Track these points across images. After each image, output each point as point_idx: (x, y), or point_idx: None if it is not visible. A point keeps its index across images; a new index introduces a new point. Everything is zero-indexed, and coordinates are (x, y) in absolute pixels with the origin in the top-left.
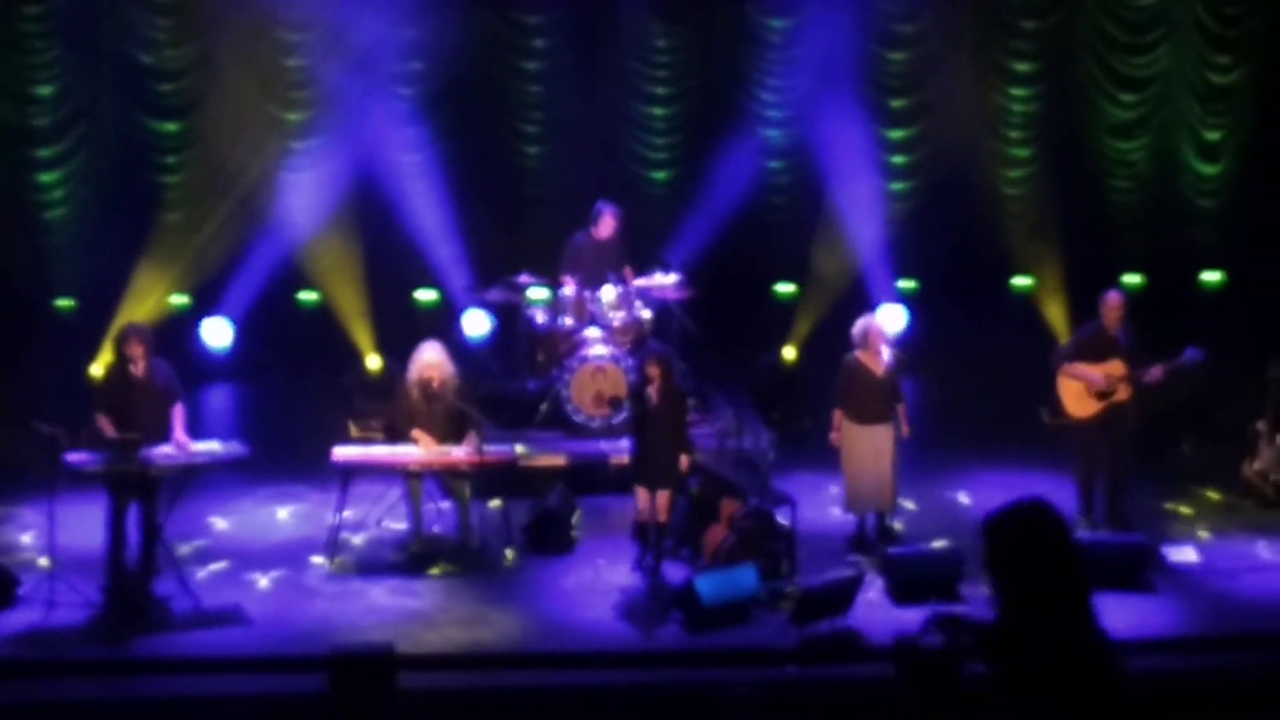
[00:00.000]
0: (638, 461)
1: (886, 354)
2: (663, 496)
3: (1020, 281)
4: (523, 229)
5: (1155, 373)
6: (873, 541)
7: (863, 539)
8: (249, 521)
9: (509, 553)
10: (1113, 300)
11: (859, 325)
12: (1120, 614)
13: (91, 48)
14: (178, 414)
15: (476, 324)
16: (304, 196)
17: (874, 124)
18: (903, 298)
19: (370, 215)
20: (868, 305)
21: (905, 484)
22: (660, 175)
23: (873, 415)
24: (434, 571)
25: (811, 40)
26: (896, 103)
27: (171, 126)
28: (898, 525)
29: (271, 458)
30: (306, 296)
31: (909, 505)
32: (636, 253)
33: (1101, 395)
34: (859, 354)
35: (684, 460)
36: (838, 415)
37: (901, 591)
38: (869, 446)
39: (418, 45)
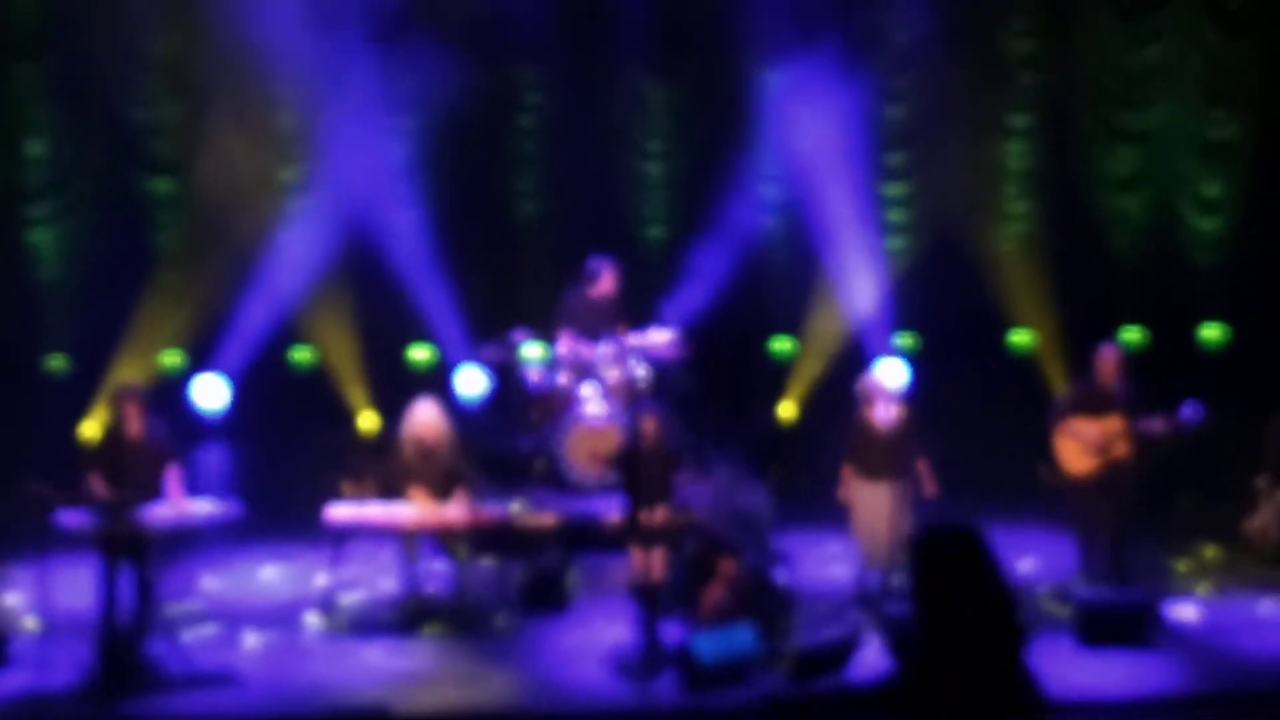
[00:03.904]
0: (631, 519)
1: (888, 410)
2: (657, 555)
3: (1019, 337)
4: (518, 286)
5: (1155, 426)
6: (876, 599)
7: (866, 595)
8: (243, 581)
9: (497, 617)
10: (1108, 355)
11: (861, 381)
12: (1120, 671)
13: (83, 105)
14: (173, 474)
15: (471, 382)
16: (297, 253)
17: (871, 179)
18: (901, 353)
19: (364, 272)
20: (865, 361)
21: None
22: (656, 232)
23: (875, 471)
24: (429, 631)
25: (808, 95)
26: (893, 158)
27: (164, 184)
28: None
29: (265, 517)
30: (300, 354)
31: None
32: (632, 310)
33: (1099, 451)
34: (864, 409)
35: (660, 514)
36: (846, 471)
37: (901, 650)
38: (870, 503)
39: (412, 101)
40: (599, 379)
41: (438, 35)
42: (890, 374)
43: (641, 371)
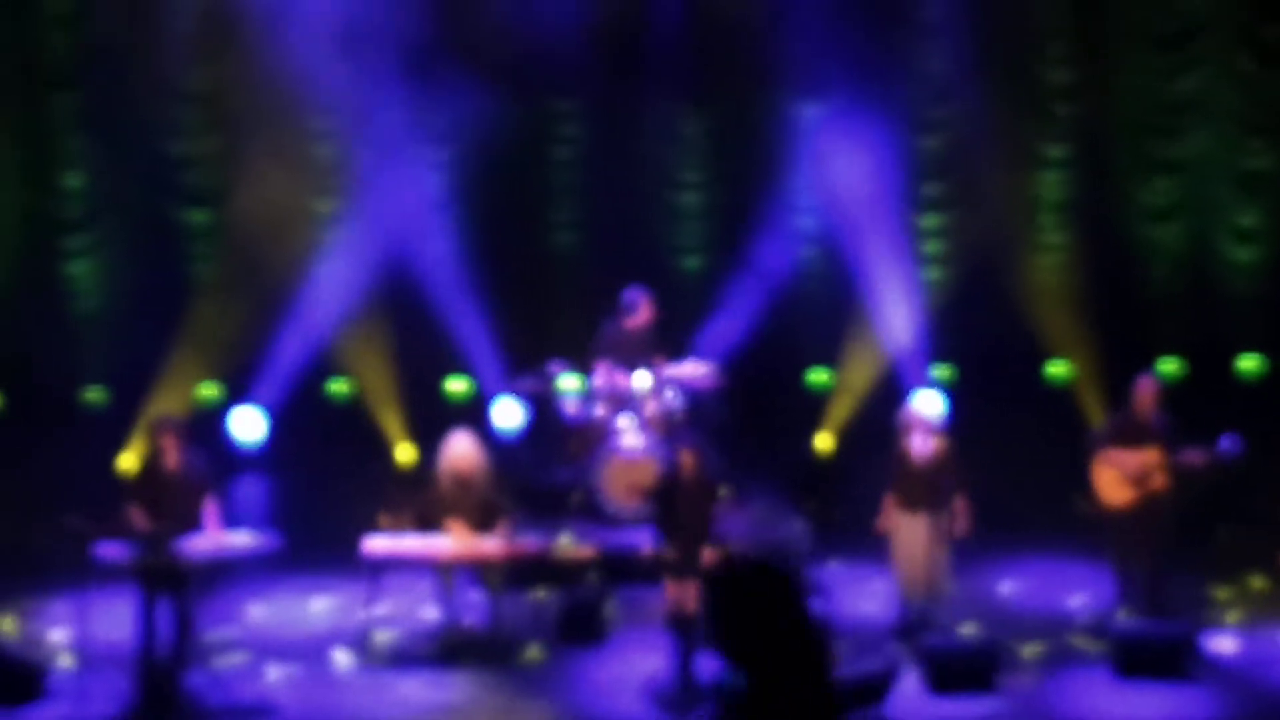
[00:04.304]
0: (667, 552)
1: (925, 442)
2: (691, 587)
3: (1056, 368)
4: (554, 317)
5: (1193, 457)
6: (914, 631)
7: (906, 628)
8: (281, 613)
9: (533, 649)
10: (1145, 386)
11: (901, 412)
12: (1157, 703)
13: (120, 138)
14: (211, 506)
15: (508, 413)
16: (334, 285)
17: (907, 211)
18: (938, 385)
19: (401, 304)
20: (902, 393)
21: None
22: (692, 263)
23: (915, 503)
24: (466, 664)
25: (843, 127)
26: (929, 189)
27: (200, 216)
28: (949, 619)
29: (302, 549)
30: (337, 386)
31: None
32: (669, 341)
33: (1137, 483)
34: (904, 440)
35: (709, 553)
36: (887, 501)
37: (939, 682)
38: (907, 534)
39: (448, 133)
40: (636, 410)
41: (474, 68)
42: (927, 406)
43: (678, 403)
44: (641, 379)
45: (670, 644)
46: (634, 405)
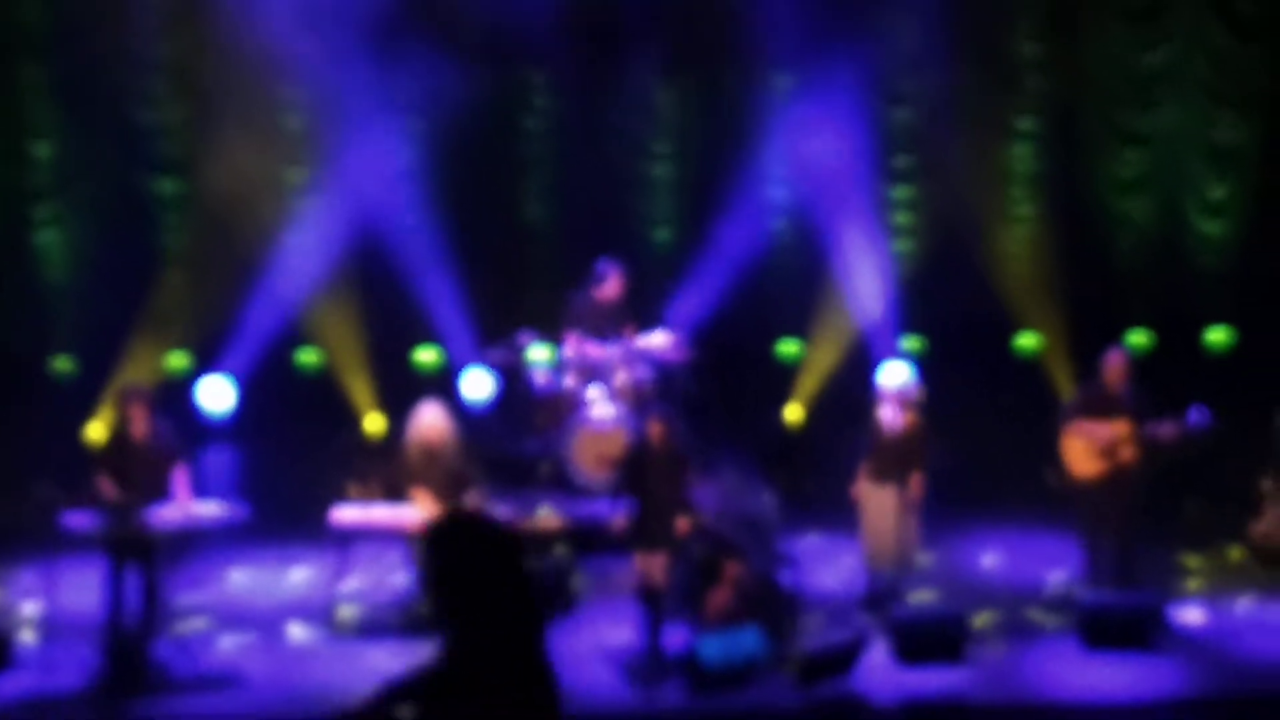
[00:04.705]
0: (636, 523)
1: (894, 414)
2: (660, 559)
3: (1025, 340)
4: (525, 288)
5: (1162, 430)
6: (883, 601)
7: (874, 598)
8: (248, 583)
9: None
10: (1115, 359)
11: (877, 383)
12: (1125, 674)
13: (89, 107)
14: (180, 475)
15: (477, 384)
16: (304, 255)
17: (878, 182)
18: (908, 356)
19: (371, 274)
20: (872, 364)
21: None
22: (663, 234)
23: (884, 474)
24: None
25: (815, 99)
26: (900, 161)
27: (170, 186)
28: (912, 589)
29: (271, 519)
30: (306, 356)
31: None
32: (639, 312)
33: (1106, 455)
34: (877, 411)
35: (682, 522)
36: (861, 469)
37: (907, 653)
38: (876, 505)
39: (419, 103)
40: (605, 382)
41: (444, 38)
42: (896, 377)
43: (647, 374)
44: (611, 350)
45: (639, 615)
46: (604, 376)
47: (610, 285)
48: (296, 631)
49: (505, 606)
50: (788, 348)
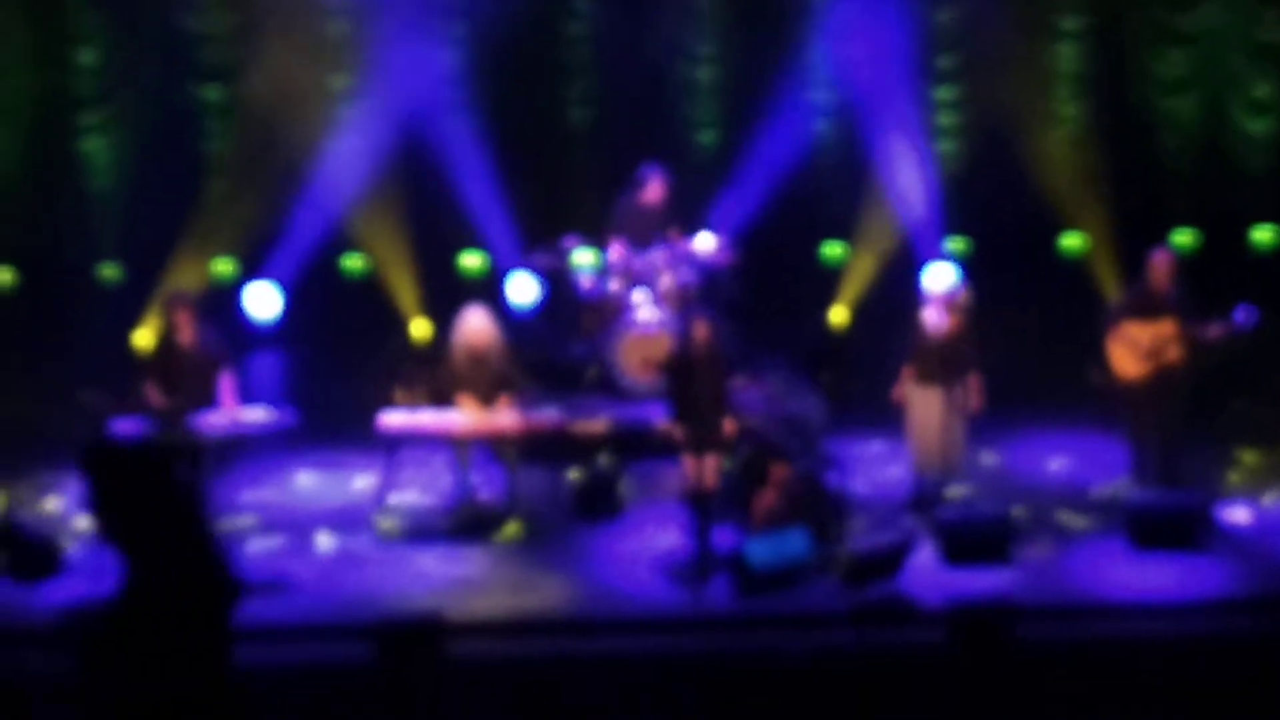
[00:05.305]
0: (683, 426)
1: (939, 315)
2: (710, 461)
3: (1070, 240)
4: (569, 192)
5: (1208, 329)
6: (929, 503)
7: (920, 500)
8: (295, 490)
9: (553, 523)
10: (1160, 259)
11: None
12: (1172, 574)
13: (133, 14)
14: (226, 381)
15: (523, 289)
16: (348, 161)
17: (922, 83)
18: (952, 257)
19: (415, 180)
20: (916, 266)
21: None
22: (707, 138)
23: (930, 376)
24: (483, 538)
25: None
26: (944, 61)
27: (214, 93)
28: (957, 489)
29: (318, 424)
30: (352, 262)
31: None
32: (683, 216)
33: (1151, 356)
34: (923, 312)
35: (729, 425)
36: (905, 372)
37: (954, 554)
38: (922, 408)
39: (463, 7)
40: (650, 285)
41: None
42: (941, 279)
43: (692, 277)
44: (656, 254)
45: (686, 518)
46: (648, 280)
47: (654, 189)
48: (339, 539)
49: (165, 527)
50: (832, 250)
